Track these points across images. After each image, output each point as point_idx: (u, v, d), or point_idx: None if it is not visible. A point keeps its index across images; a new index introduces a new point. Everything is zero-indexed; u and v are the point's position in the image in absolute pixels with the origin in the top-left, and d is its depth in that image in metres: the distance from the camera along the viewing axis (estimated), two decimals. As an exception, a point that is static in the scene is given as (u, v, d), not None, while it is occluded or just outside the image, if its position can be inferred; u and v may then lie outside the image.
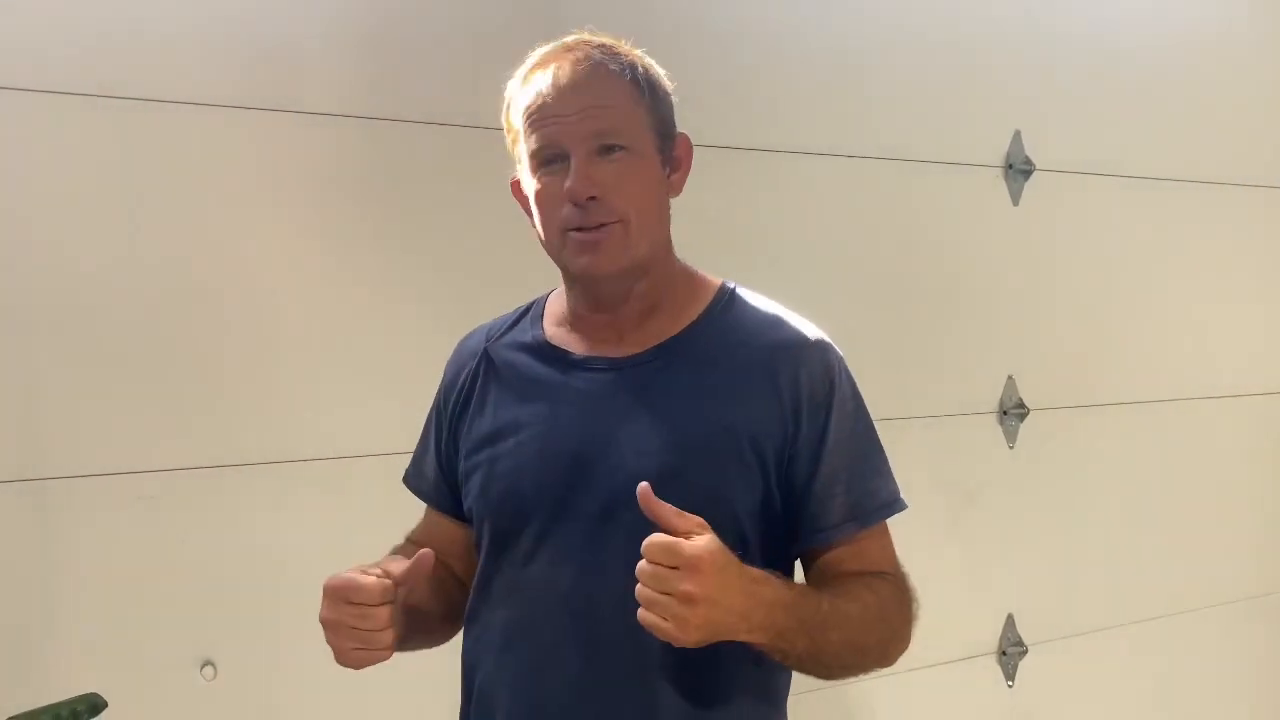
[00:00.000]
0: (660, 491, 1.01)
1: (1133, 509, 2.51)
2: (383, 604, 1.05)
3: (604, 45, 1.14)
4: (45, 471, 1.59)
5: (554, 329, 1.22)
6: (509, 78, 1.17)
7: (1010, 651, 2.37)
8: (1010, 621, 2.38)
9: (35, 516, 1.58)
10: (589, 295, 1.17)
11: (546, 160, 1.11)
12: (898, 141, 2.20)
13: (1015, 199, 2.35)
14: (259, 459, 1.70)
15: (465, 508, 1.23)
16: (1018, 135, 2.33)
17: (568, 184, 1.08)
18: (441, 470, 1.27)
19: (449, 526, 1.27)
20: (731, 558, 0.98)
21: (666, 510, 0.98)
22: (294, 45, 1.70)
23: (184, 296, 1.65)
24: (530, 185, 1.14)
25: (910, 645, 1.16)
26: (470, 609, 1.22)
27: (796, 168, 2.10)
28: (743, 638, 1.00)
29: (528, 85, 1.12)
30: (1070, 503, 2.43)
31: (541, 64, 1.12)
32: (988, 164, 2.31)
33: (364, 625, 1.05)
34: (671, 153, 1.16)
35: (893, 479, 1.20)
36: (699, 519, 0.99)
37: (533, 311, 1.26)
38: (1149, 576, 2.54)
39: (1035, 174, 2.35)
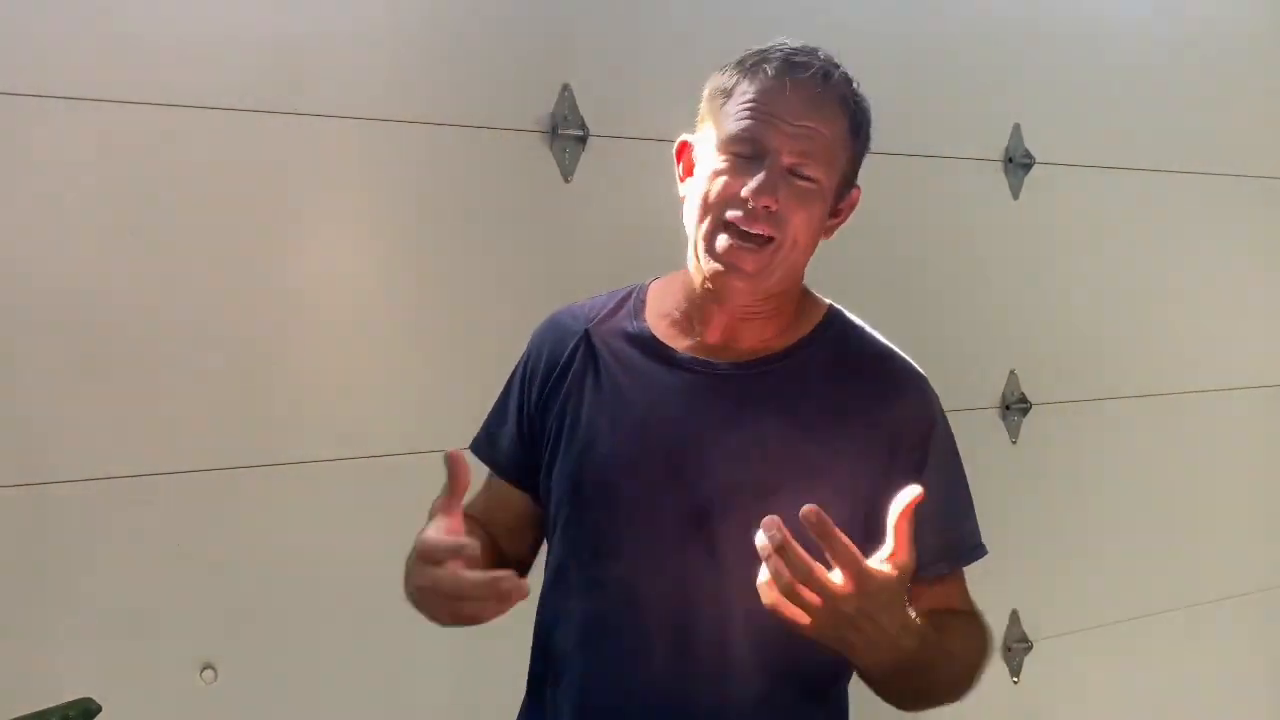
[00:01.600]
0: (756, 501, 0.99)
1: (1137, 503, 2.50)
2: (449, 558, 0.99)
3: (849, 76, 1.14)
4: (44, 476, 1.58)
5: (657, 321, 1.20)
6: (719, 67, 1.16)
7: (1015, 647, 2.37)
8: (1015, 617, 2.37)
9: (35, 520, 1.58)
10: (714, 295, 1.15)
11: (741, 149, 1.10)
12: (896, 136, 2.18)
13: (1015, 193, 2.34)
14: (256, 462, 1.69)
15: (542, 486, 1.22)
16: (1017, 129, 2.33)
17: (755, 184, 1.08)
18: (521, 441, 1.25)
19: (515, 498, 1.26)
20: (900, 597, 0.95)
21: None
22: (320, 45, 1.69)
23: (185, 301, 1.65)
24: (712, 160, 1.12)
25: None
26: (544, 595, 1.21)
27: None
28: (863, 659, 0.98)
29: (761, 72, 1.11)
30: (1074, 497, 2.43)
31: (784, 60, 1.11)
32: (987, 158, 2.30)
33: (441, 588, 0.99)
34: (844, 199, 1.17)
35: (976, 522, 1.21)
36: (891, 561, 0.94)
37: (633, 300, 1.24)
38: (1154, 571, 2.53)
39: (1035, 167, 2.34)
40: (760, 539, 0.90)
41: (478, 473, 1.19)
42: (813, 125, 1.09)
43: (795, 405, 1.13)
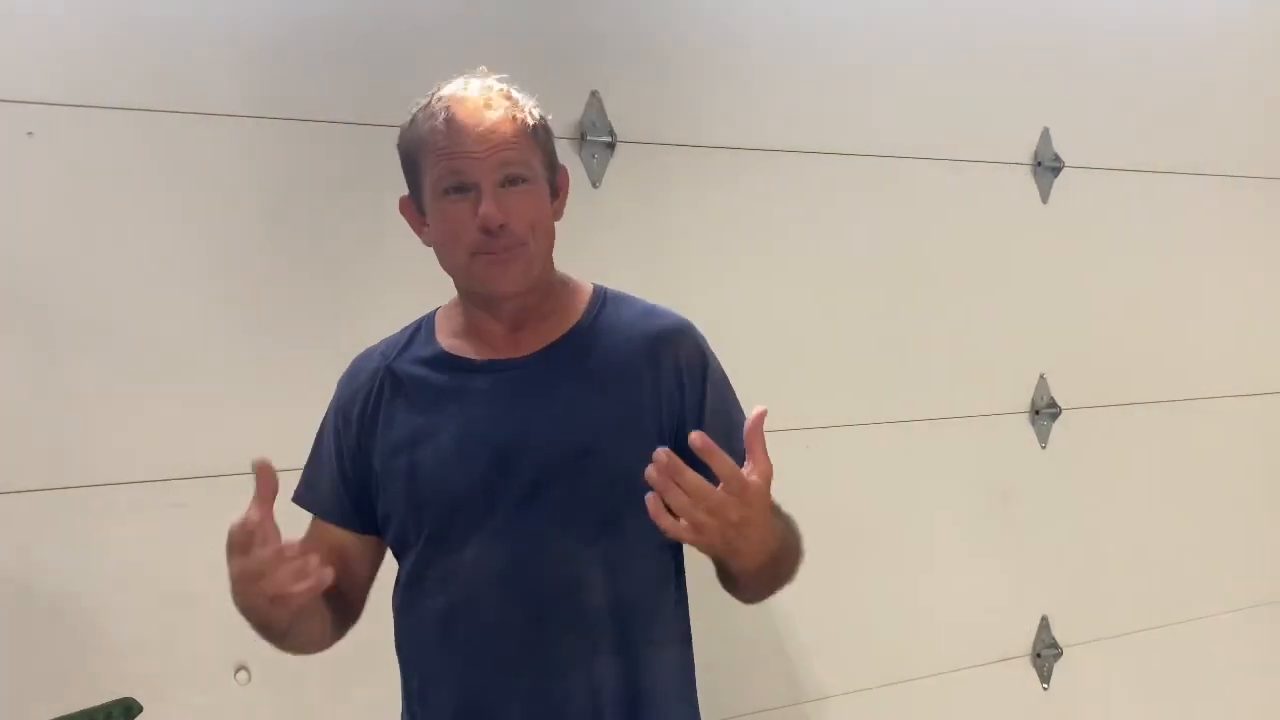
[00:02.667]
0: (580, 466, 1.24)
1: (1168, 509, 2.48)
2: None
3: (504, 89, 1.26)
4: (82, 479, 1.61)
5: (449, 340, 1.33)
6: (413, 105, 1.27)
7: (1045, 654, 2.35)
8: (1045, 623, 2.35)
9: (73, 523, 1.60)
10: (491, 309, 1.30)
11: (454, 189, 1.23)
12: (925, 140, 2.19)
13: (1044, 196, 2.33)
14: (292, 465, 1.70)
15: (381, 514, 1.32)
16: (1046, 132, 2.32)
17: (481, 210, 1.21)
18: (345, 483, 1.34)
19: (339, 536, 1.35)
20: (770, 498, 1.11)
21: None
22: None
23: (220, 304, 1.67)
24: (434, 209, 1.26)
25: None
26: (401, 604, 1.33)
27: (822, 169, 2.09)
28: (745, 560, 1.14)
29: (436, 120, 1.23)
30: (1104, 503, 2.41)
31: (451, 102, 1.23)
32: (1017, 161, 2.30)
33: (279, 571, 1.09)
34: (555, 182, 1.31)
35: None
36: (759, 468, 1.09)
37: (424, 329, 1.37)
38: (1185, 577, 2.51)
39: (1064, 171, 2.33)
40: (651, 470, 1.04)
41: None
42: (498, 141, 1.22)
43: (589, 374, 1.29)
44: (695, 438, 1.05)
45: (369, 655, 1.71)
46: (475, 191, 1.22)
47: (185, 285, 1.66)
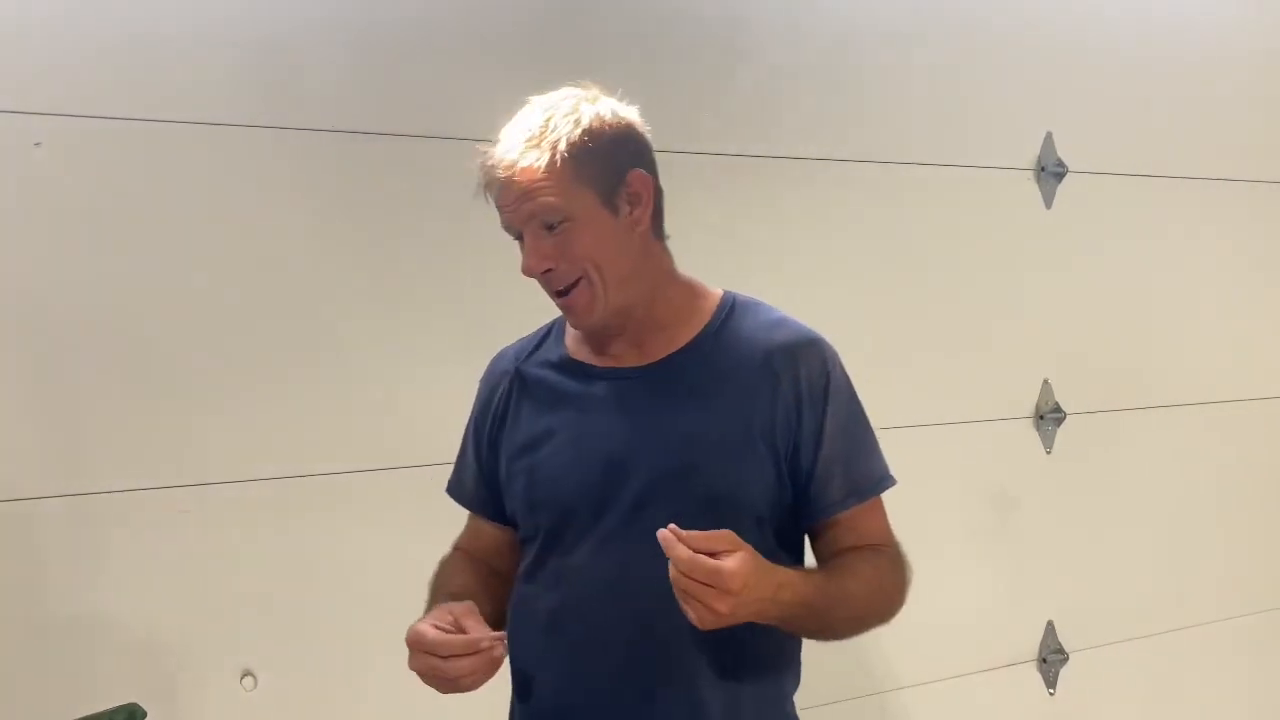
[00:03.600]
0: (683, 485, 1.21)
1: (1174, 513, 2.48)
2: (460, 655, 1.15)
3: (541, 124, 1.21)
4: (88, 486, 1.61)
5: (575, 346, 1.34)
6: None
7: (1051, 659, 2.35)
8: (1050, 628, 2.35)
9: (79, 529, 1.61)
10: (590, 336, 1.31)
11: (516, 237, 1.25)
12: (927, 146, 2.19)
13: (1048, 202, 2.33)
14: (296, 473, 1.72)
15: (509, 510, 1.35)
16: (1049, 137, 2.32)
17: (522, 264, 1.23)
18: (483, 479, 1.38)
19: (491, 530, 1.39)
20: (760, 566, 1.10)
21: (696, 538, 1.08)
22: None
23: (224, 312, 1.68)
24: None
25: (904, 607, 1.30)
26: (516, 597, 1.33)
27: (826, 174, 2.10)
28: (759, 620, 1.14)
29: (484, 178, 1.24)
30: (1110, 507, 2.40)
31: (487, 152, 1.23)
32: (1019, 166, 2.30)
33: (445, 673, 1.15)
34: (624, 195, 1.24)
35: (883, 459, 1.33)
36: (728, 534, 1.10)
37: (554, 332, 1.38)
38: (1191, 582, 2.50)
39: (1068, 176, 2.33)
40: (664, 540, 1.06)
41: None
42: (521, 192, 1.20)
43: (703, 388, 1.26)
44: (661, 535, 1.07)
45: (373, 659, 1.72)
46: (524, 242, 1.23)
47: (203, 291, 1.67)
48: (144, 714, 1.22)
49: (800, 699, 1.29)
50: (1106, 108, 2.38)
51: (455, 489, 1.43)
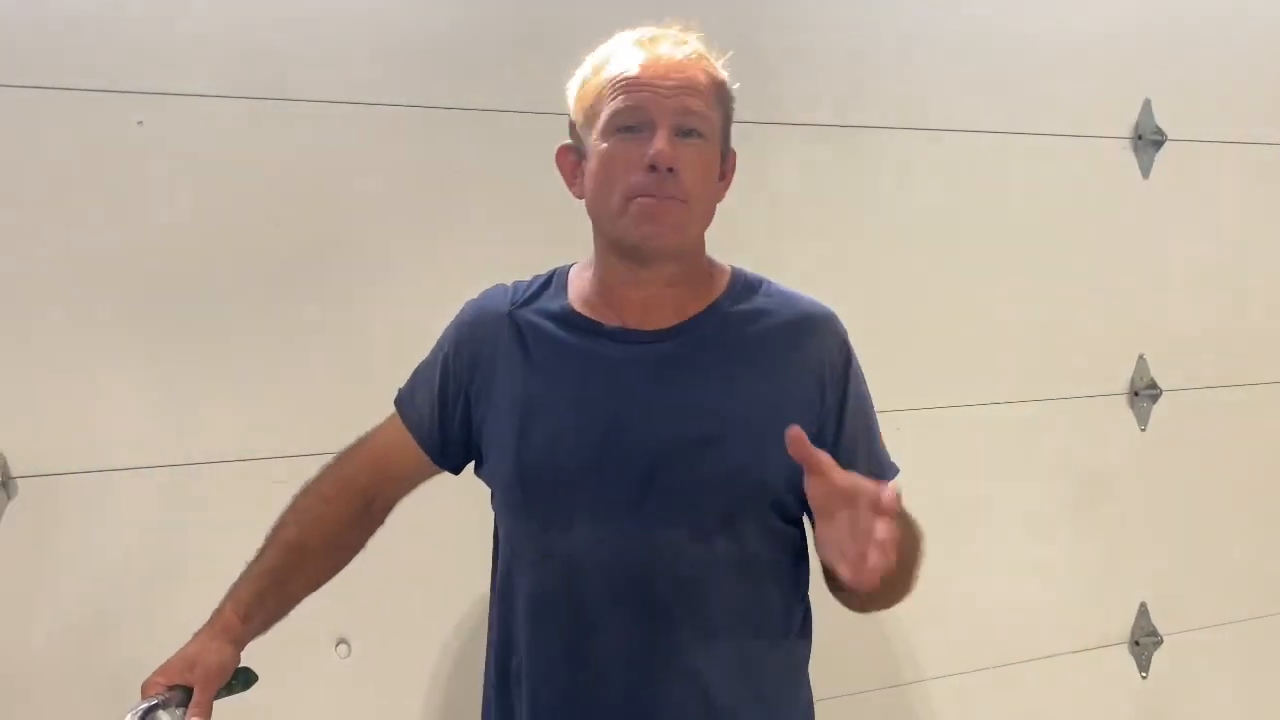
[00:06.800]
0: (699, 455, 1.14)
1: (1273, 492, 2.40)
2: None
3: (701, 44, 1.19)
4: (187, 457, 1.66)
5: (580, 300, 1.25)
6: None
7: (1144, 642, 2.29)
8: (1143, 610, 2.30)
9: (178, 499, 1.65)
10: (634, 267, 1.20)
11: (627, 127, 1.14)
12: (1021, 114, 2.14)
13: (1145, 171, 2.26)
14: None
15: (486, 474, 1.26)
16: (1148, 104, 2.24)
17: (653, 149, 1.12)
18: (441, 413, 1.29)
19: (409, 448, 1.31)
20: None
21: (827, 460, 1.00)
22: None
23: (311, 286, 1.71)
24: (599, 150, 1.17)
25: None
26: (502, 579, 1.26)
27: (919, 144, 2.06)
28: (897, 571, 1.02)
29: (623, 54, 1.16)
30: (1206, 486, 2.34)
31: (642, 39, 1.17)
32: (1116, 135, 2.23)
33: None
34: (726, 161, 1.24)
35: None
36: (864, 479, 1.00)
37: (555, 282, 1.29)
38: (1292, 564, 2.43)
39: (1166, 145, 2.25)
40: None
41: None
42: (686, 83, 1.14)
43: (722, 358, 1.19)
44: (793, 433, 0.98)
45: (461, 623, 1.75)
46: (649, 132, 1.13)
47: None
48: (256, 677, 1.25)
49: (895, 674, 1.26)
50: (1207, 74, 2.29)
51: (406, 405, 1.32)
